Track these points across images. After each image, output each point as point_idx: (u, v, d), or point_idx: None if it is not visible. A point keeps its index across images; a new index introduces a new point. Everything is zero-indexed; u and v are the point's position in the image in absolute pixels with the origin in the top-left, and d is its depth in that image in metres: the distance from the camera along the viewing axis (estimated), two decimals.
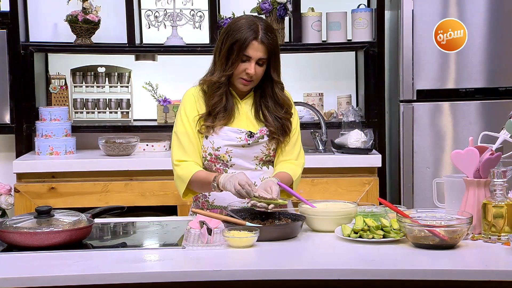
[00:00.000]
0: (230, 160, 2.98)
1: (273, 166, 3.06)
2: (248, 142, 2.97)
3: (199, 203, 3.06)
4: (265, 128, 3.00)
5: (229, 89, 2.98)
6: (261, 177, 2.99)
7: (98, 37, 4.75)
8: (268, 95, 3.01)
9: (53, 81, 4.81)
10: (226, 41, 2.93)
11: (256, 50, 2.89)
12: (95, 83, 4.86)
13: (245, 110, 3.02)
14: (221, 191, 2.85)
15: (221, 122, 2.96)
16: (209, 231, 2.52)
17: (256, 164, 3.02)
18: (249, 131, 2.98)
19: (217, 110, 2.95)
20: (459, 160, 2.68)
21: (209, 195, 3.02)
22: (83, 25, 4.66)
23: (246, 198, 2.75)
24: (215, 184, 2.84)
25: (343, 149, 4.48)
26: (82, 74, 4.85)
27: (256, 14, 4.62)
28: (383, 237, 2.54)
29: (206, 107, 2.98)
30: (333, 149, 4.55)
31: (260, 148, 3.01)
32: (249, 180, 2.76)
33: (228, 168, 2.98)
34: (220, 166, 2.98)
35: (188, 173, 2.91)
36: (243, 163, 2.99)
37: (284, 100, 3.02)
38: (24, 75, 4.61)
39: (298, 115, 4.77)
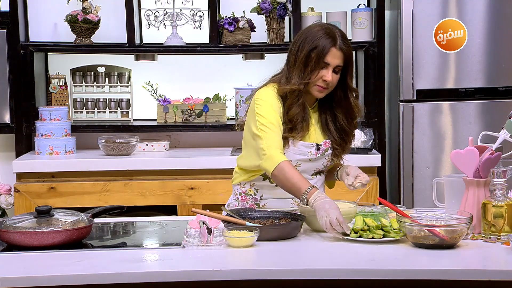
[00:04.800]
0: None
1: (323, 173, 3.02)
2: (317, 155, 2.93)
3: (246, 204, 2.98)
4: (328, 140, 2.96)
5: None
6: (314, 184, 2.88)
7: (98, 37, 4.75)
8: (340, 103, 2.95)
9: (53, 81, 4.81)
10: (303, 48, 2.86)
11: (334, 57, 2.85)
12: (95, 83, 4.86)
13: (313, 120, 2.97)
14: (306, 205, 2.72)
15: (299, 135, 2.89)
16: (209, 231, 2.52)
17: (312, 175, 2.98)
18: (317, 144, 2.93)
19: (297, 122, 2.88)
20: (459, 160, 2.68)
21: (261, 199, 2.97)
22: (83, 24, 4.66)
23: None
24: (305, 199, 2.70)
25: None
26: (82, 74, 4.85)
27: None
28: (383, 237, 2.54)
29: (285, 116, 2.89)
30: None
31: (322, 161, 2.96)
32: (341, 216, 2.59)
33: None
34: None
35: (280, 156, 2.78)
36: (304, 176, 2.87)
37: (358, 109, 2.97)
38: (24, 75, 4.61)
39: None
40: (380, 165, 4.43)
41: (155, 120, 4.82)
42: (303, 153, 2.91)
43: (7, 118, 4.64)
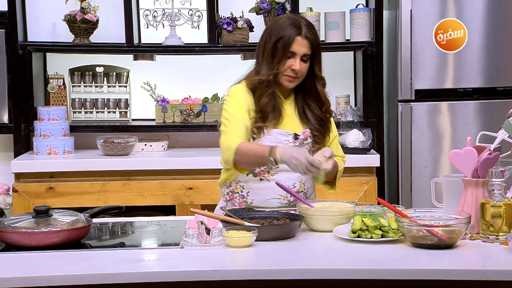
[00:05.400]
0: None
1: None
2: (295, 144, 2.96)
3: (235, 202, 3.01)
4: (308, 130, 2.99)
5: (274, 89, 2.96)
6: (300, 179, 2.97)
7: (96, 37, 4.75)
8: (310, 93, 3.00)
9: (51, 80, 4.81)
10: (269, 39, 2.93)
11: (300, 46, 2.90)
12: (93, 82, 4.86)
13: (289, 111, 3.00)
14: (277, 165, 2.81)
15: (271, 123, 2.93)
16: (208, 231, 2.52)
17: None
18: (295, 133, 2.97)
19: (268, 111, 2.93)
20: (457, 160, 2.68)
21: (248, 195, 2.99)
22: (81, 24, 4.65)
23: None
24: (272, 160, 2.77)
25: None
26: (81, 73, 4.85)
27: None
28: (382, 237, 2.54)
29: (256, 107, 2.94)
30: None
31: None
32: (310, 156, 2.71)
33: (272, 169, 2.94)
34: (264, 168, 2.95)
35: (236, 142, 2.84)
36: (285, 166, 2.88)
37: (326, 97, 3.02)
38: (22, 75, 4.61)
39: None
40: (378, 165, 4.44)
41: (153, 120, 4.82)
42: (279, 141, 2.93)
43: (5, 118, 4.64)
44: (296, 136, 2.97)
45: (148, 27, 4.76)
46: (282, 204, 2.96)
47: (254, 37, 4.75)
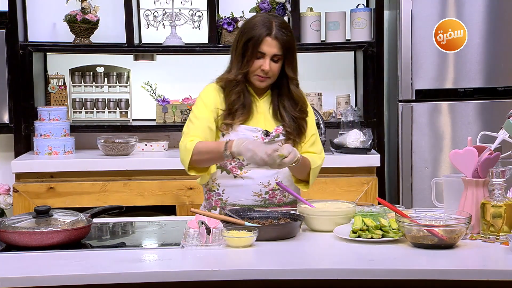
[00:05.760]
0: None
1: None
2: (264, 140, 2.96)
3: (211, 201, 3.03)
4: (281, 127, 3.00)
5: (246, 87, 2.99)
6: (275, 177, 2.98)
7: (96, 37, 4.75)
8: (284, 93, 3.01)
9: (51, 81, 4.81)
10: (241, 39, 2.95)
11: (270, 46, 2.90)
12: (94, 83, 4.86)
13: (263, 109, 3.02)
14: (234, 159, 2.85)
15: (239, 120, 2.95)
16: (208, 231, 2.52)
17: None
18: (266, 130, 2.98)
19: (236, 108, 2.95)
20: (457, 160, 2.68)
21: (223, 193, 3.00)
22: (82, 24, 4.65)
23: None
24: (229, 154, 2.81)
25: (342, 149, 4.48)
26: (81, 74, 4.85)
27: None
28: (382, 237, 2.54)
29: (225, 105, 2.97)
30: (332, 149, 4.55)
31: None
32: (266, 146, 2.74)
33: (244, 166, 2.97)
34: (236, 164, 2.97)
35: (193, 143, 2.89)
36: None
37: (299, 97, 3.02)
38: (22, 75, 4.61)
39: None
40: (379, 165, 4.44)
41: (154, 120, 4.82)
42: (247, 137, 2.94)
43: (6, 118, 4.64)
44: (267, 133, 2.98)
45: (148, 27, 4.76)
46: (256, 202, 2.95)
47: None
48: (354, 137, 4.46)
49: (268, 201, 2.96)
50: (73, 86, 4.83)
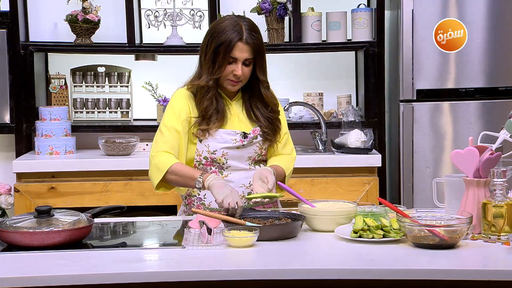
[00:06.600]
0: (226, 162, 2.98)
1: (265, 164, 3.07)
2: (243, 143, 2.97)
3: (193, 206, 3.03)
4: (258, 128, 3.01)
5: (218, 92, 2.98)
6: None
7: (98, 37, 4.75)
8: (256, 94, 3.01)
9: (53, 80, 4.81)
10: (211, 44, 2.91)
11: (241, 51, 2.88)
12: (95, 82, 4.86)
13: (236, 111, 3.02)
14: (203, 189, 2.85)
15: (215, 125, 2.94)
16: (209, 230, 2.52)
17: (249, 164, 3.02)
18: (243, 132, 2.98)
19: (210, 113, 2.94)
20: (459, 160, 2.68)
21: (205, 198, 3.01)
22: (83, 24, 4.66)
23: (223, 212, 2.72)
24: (200, 182, 2.81)
25: (343, 148, 4.48)
26: (82, 73, 4.85)
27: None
28: (383, 237, 2.54)
29: (198, 111, 2.96)
30: (333, 149, 4.55)
31: (253, 148, 3.01)
32: (240, 201, 2.72)
33: (224, 170, 2.98)
34: (216, 168, 2.98)
35: (167, 162, 2.88)
36: (238, 164, 2.99)
37: (269, 98, 3.02)
38: (24, 75, 4.61)
39: (299, 114, 4.81)
40: (380, 165, 4.43)
41: (155, 120, 4.82)
42: (226, 141, 2.95)
43: (7, 118, 4.64)
44: (245, 135, 2.98)
45: (149, 27, 4.76)
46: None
47: None
48: (355, 137, 4.45)
49: (250, 205, 2.95)
50: (74, 86, 4.83)
